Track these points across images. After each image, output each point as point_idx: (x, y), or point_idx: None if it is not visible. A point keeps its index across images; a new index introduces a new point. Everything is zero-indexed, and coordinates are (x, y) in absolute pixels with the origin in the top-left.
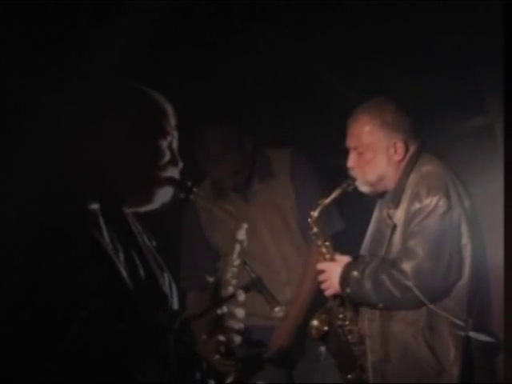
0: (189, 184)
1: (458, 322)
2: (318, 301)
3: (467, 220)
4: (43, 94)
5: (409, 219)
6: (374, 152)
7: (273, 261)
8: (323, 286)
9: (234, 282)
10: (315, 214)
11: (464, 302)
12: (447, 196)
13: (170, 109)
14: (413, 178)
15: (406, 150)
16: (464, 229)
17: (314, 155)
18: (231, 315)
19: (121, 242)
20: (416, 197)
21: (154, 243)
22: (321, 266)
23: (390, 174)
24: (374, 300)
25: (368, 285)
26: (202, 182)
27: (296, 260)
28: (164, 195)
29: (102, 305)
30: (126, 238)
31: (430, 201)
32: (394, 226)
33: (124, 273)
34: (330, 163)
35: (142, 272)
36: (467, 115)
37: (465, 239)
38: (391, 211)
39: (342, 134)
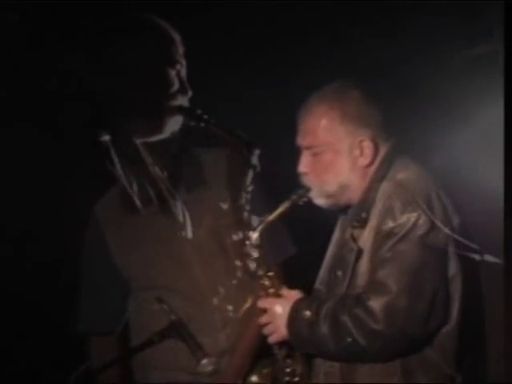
0: (198, 112)
1: (443, 378)
2: (264, 351)
3: (456, 244)
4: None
5: (379, 242)
6: (334, 153)
7: (204, 297)
8: (266, 331)
9: (247, 207)
10: (255, 234)
11: (451, 353)
12: (429, 212)
13: (177, 37)
14: (385, 188)
15: (376, 150)
16: (452, 255)
17: (264, 157)
18: (247, 240)
19: (133, 173)
20: (388, 213)
21: (166, 174)
22: (263, 303)
23: (354, 183)
24: (333, 349)
25: (324, 329)
26: (109, 190)
27: (235, 296)
28: (174, 124)
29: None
30: (138, 169)
31: (407, 218)
32: (360, 251)
33: (138, 203)
34: (286, 167)
35: (155, 201)
36: (470, 44)
37: (453, 269)
38: (356, 231)
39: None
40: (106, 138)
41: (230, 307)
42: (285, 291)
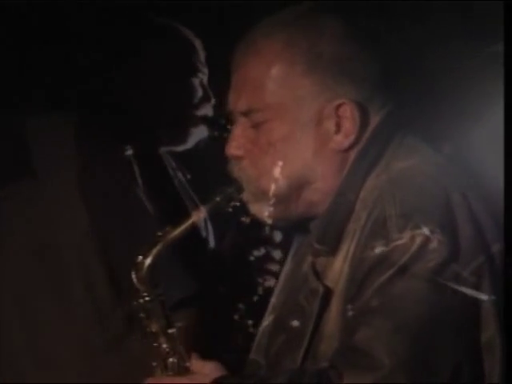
0: (222, 122)
1: None
2: None
3: (494, 283)
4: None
5: (359, 279)
6: (290, 124)
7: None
8: None
9: (270, 221)
10: (147, 260)
11: None
12: (447, 228)
13: (198, 44)
14: (373, 185)
15: (363, 122)
16: (488, 306)
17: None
18: (268, 257)
19: (155, 187)
20: (377, 229)
21: (189, 176)
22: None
23: (322, 177)
24: None
25: None
26: None
27: (88, 368)
28: (199, 134)
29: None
30: (159, 182)
31: (409, 239)
32: (327, 295)
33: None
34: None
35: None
36: (486, 42)
37: (491, 330)
38: (321, 261)
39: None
40: (129, 152)
41: None
42: (196, 363)
